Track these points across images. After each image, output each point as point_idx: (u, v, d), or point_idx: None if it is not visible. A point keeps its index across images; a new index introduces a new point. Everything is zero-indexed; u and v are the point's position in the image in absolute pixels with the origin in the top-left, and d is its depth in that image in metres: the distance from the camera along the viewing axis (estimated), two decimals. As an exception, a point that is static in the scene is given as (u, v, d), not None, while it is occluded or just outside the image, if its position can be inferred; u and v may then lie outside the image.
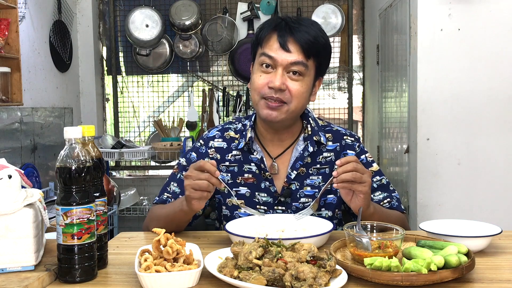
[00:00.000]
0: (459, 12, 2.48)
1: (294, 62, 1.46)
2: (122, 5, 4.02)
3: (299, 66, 1.47)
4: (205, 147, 1.63)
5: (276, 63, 1.47)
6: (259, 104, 1.51)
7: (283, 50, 1.46)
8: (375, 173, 1.60)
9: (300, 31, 1.46)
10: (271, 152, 1.60)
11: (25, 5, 3.10)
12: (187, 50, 3.92)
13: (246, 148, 1.58)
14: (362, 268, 1.01)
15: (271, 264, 0.99)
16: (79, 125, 1.81)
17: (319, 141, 1.58)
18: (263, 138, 1.61)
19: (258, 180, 1.57)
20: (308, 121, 1.61)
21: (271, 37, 1.49)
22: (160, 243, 1.05)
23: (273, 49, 1.47)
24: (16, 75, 2.71)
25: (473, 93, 2.50)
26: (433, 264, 0.98)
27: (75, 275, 1.04)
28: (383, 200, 1.57)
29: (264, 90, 1.48)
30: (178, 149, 3.57)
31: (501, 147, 2.51)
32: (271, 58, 1.47)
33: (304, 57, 1.47)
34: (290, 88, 1.47)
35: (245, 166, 1.58)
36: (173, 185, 1.60)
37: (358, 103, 4.08)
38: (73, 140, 1.04)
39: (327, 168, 1.58)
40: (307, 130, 1.59)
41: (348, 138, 1.63)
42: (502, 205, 2.51)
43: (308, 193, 1.56)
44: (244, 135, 1.59)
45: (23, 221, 1.06)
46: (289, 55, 1.46)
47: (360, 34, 4.03)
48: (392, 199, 1.58)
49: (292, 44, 1.46)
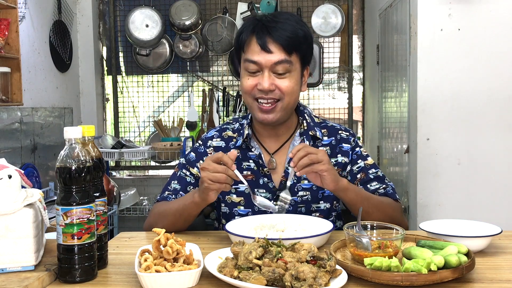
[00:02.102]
0: (459, 12, 2.48)
1: (277, 61, 1.47)
2: (122, 5, 4.02)
3: (283, 65, 1.48)
4: (204, 147, 1.65)
5: (261, 66, 1.49)
6: (253, 107, 1.54)
7: (265, 52, 1.47)
8: (371, 166, 1.62)
9: (277, 29, 1.47)
10: (269, 148, 1.62)
11: (25, 5, 3.10)
12: (187, 50, 3.92)
13: (245, 146, 1.60)
14: (362, 268, 1.01)
15: (271, 264, 0.99)
16: (79, 125, 1.81)
17: (315, 136, 1.60)
18: (260, 134, 1.63)
19: (256, 177, 1.59)
20: (304, 117, 1.63)
21: (251, 41, 1.50)
22: (160, 243, 1.05)
23: (255, 53, 1.48)
24: (16, 75, 2.71)
25: (473, 93, 2.50)
26: (433, 264, 0.98)
27: (75, 275, 1.04)
28: (378, 188, 1.58)
29: (254, 92, 1.51)
30: (178, 149, 3.57)
31: (501, 147, 2.51)
32: (255, 63, 1.49)
33: (286, 55, 1.48)
34: (279, 86, 1.49)
35: (244, 164, 1.60)
36: (174, 182, 1.62)
37: (358, 103, 4.08)
38: (73, 140, 1.04)
39: None
40: (303, 125, 1.62)
41: (343, 132, 1.65)
42: (502, 205, 2.51)
43: (306, 186, 1.58)
44: (242, 133, 1.61)
45: (23, 221, 1.05)
46: (272, 56, 1.47)
47: (360, 34, 4.03)
48: (387, 186, 1.59)
49: (271, 44, 1.47)
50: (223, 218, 1.62)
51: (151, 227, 1.53)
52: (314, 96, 4.06)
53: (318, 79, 3.91)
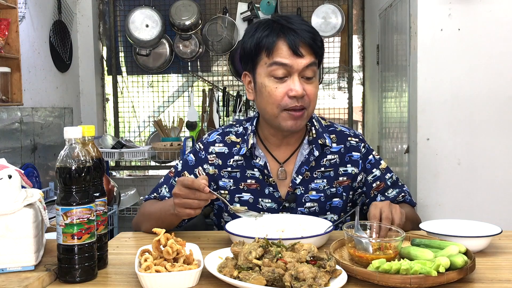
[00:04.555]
0: (459, 12, 2.48)
1: (308, 65, 1.42)
2: (122, 5, 4.02)
3: (312, 68, 1.43)
4: (205, 153, 1.58)
5: (291, 70, 1.41)
6: (280, 117, 1.44)
7: (296, 55, 1.40)
8: (386, 171, 1.59)
9: (303, 31, 1.42)
10: (278, 157, 1.55)
11: (25, 5, 3.10)
12: (187, 50, 3.92)
13: (249, 154, 1.53)
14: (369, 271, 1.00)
15: (271, 264, 0.99)
16: (79, 125, 1.81)
17: (324, 144, 1.54)
18: (268, 142, 1.56)
19: (261, 186, 1.53)
20: (312, 122, 1.56)
21: (280, 44, 1.41)
22: (160, 243, 1.05)
23: (285, 56, 1.40)
24: (16, 75, 2.71)
25: (473, 93, 2.50)
26: (442, 266, 0.98)
27: (75, 275, 1.04)
28: (398, 195, 1.57)
29: (284, 101, 1.42)
30: (178, 149, 3.57)
31: (501, 147, 2.51)
32: (285, 66, 1.41)
33: (314, 58, 1.44)
34: (308, 92, 1.43)
35: (248, 172, 1.54)
36: (165, 188, 1.58)
37: (358, 103, 4.08)
38: (73, 140, 1.04)
39: (331, 171, 1.55)
40: (311, 132, 1.55)
41: (352, 139, 1.59)
42: (502, 205, 2.51)
43: (314, 197, 1.53)
44: (246, 140, 1.54)
45: (23, 221, 1.05)
46: (303, 59, 1.41)
47: (360, 34, 4.03)
48: (405, 193, 1.59)
49: (302, 47, 1.41)
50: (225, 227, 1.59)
51: (137, 226, 1.53)
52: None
53: (318, 79, 3.90)
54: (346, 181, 1.55)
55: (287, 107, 1.43)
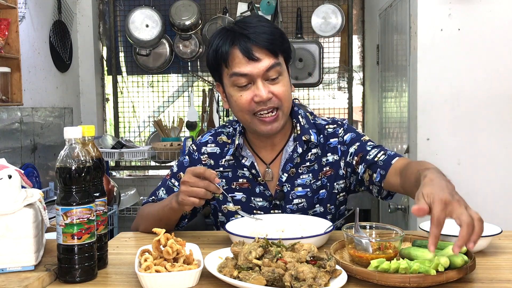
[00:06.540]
0: (459, 12, 2.48)
1: (268, 67, 1.40)
2: (122, 5, 4.02)
3: (274, 69, 1.41)
4: (198, 153, 1.60)
5: (251, 77, 1.40)
6: (253, 123, 1.46)
7: (253, 61, 1.39)
8: (367, 140, 1.54)
9: (256, 34, 1.39)
10: (264, 158, 1.56)
11: (25, 5, 3.10)
12: (187, 50, 3.92)
13: (237, 154, 1.54)
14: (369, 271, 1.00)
15: (271, 264, 0.99)
16: (79, 125, 1.81)
17: (308, 140, 1.52)
18: (254, 145, 1.57)
19: (252, 185, 1.54)
20: (298, 119, 1.55)
21: (234, 53, 1.40)
22: (160, 243, 1.05)
23: (242, 65, 1.39)
24: (16, 75, 2.71)
25: (473, 93, 2.50)
26: (441, 266, 0.98)
27: (75, 275, 1.04)
28: (378, 154, 1.49)
29: (251, 107, 1.42)
30: (178, 149, 3.57)
31: (501, 147, 2.51)
32: (245, 75, 1.40)
33: (274, 58, 1.41)
34: (276, 93, 1.42)
35: (239, 171, 1.56)
36: (162, 191, 1.59)
37: (358, 103, 4.08)
38: (73, 140, 1.04)
39: (315, 164, 1.55)
40: (296, 129, 1.54)
41: (330, 126, 1.57)
42: (502, 205, 2.51)
43: (300, 193, 1.53)
44: (234, 141, 1.56)
45: (23, 221, 1.06)
46: (261, 63, 1.39)
47: (360, 34, 4.03)
48: (386, 150, 1.50)
49: (257, 51, 1.39)
50: (221, 226, 1.59)
51: (136, 229, 1.54)
52: (314, 96, 4.06)
53: (318, 79, 3.91)
54: (329, 171, 1.54)
55: (255, 112, 1.43)
